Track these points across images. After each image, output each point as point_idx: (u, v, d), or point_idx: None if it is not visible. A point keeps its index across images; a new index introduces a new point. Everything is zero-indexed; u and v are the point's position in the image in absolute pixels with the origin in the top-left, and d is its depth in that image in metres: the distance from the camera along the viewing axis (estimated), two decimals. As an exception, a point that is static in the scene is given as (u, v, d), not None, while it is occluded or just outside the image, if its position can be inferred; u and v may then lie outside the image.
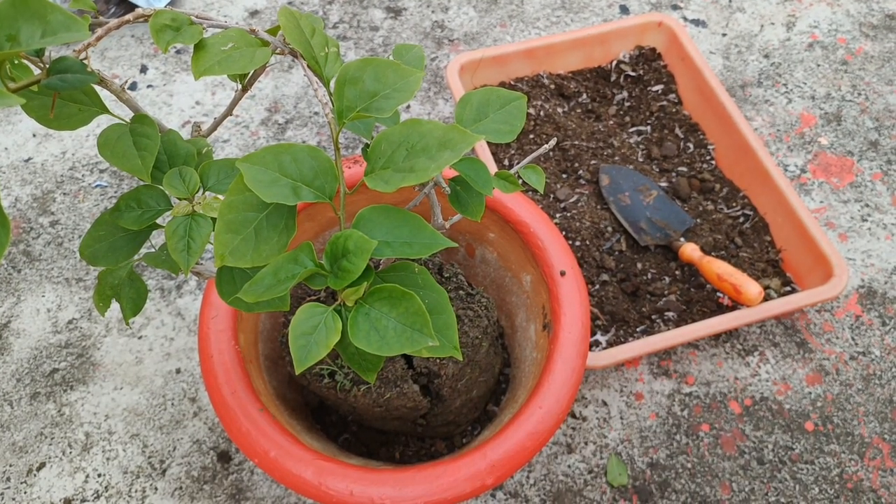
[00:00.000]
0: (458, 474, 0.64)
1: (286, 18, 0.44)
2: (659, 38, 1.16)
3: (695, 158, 1.09)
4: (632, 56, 1.17)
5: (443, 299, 0.43)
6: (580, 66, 1.17)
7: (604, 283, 0.96)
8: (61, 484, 0.87)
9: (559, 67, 1.16)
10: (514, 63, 1.12)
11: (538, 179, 0.56)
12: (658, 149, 1.10)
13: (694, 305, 0.94)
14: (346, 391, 0.68)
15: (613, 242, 0.99)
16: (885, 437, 0.88)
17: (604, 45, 1.15)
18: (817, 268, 0.92)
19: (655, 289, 0.95)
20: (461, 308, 0.72)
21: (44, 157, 1.16)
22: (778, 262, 0.98)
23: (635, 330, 0.92)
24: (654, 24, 1.15)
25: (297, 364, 0.39)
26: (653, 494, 0.85)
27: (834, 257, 0.89)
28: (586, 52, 1.15)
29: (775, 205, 0.98)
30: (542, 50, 1.12)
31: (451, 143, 0.40)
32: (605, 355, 0.83)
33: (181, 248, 0.45)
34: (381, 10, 1.33)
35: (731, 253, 0.98)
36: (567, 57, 1.15)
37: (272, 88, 1.23)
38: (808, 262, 0.94)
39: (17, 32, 0.32)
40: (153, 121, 0.46)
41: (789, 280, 0.97)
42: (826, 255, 0.90)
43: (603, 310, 0.94)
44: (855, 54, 1.25)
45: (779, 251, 0.98)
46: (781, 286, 0.95)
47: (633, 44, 1.17)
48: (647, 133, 1.13)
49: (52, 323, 0.99)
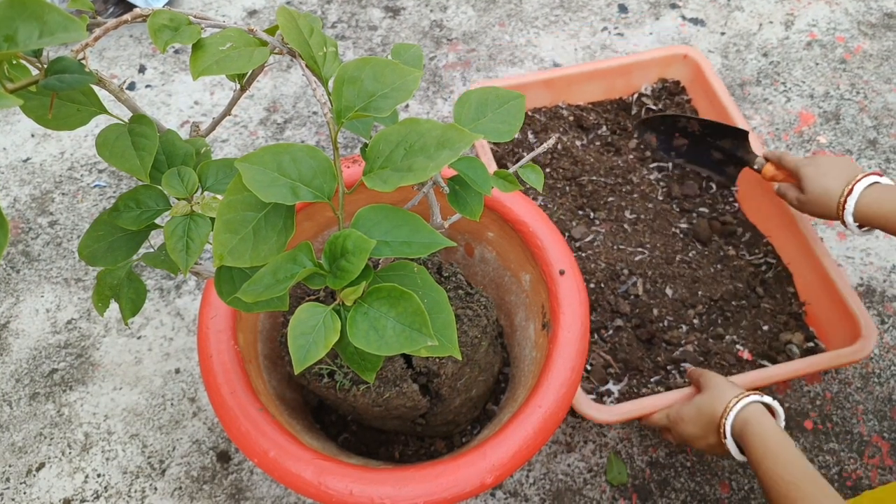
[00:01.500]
0: (457, 473, 0.64)
1: (284, 18, 0.43)
2: (683, 71, 1.11)
3: (717, 199, 1.03)
4: (654, 89, 1.12)
5: (442, 299, 0.43)
6: (601, 97, 1.12)
7: (618, 329, 0.91)
8: (61, 484, 0.87)
9: (579, 98, 1.11)
10: (531, 92, 1.08)
11: (537, 179, 0.56)
12: (679, 187, 1.04)
13: (712, 357, 0.89)
14: (345, 391, 0.68)
15: (629, 286, 0.94)
16: (885, 436, 0.88)
17: (626, 77, 1.11)
18: (843, 325, 0.86)
19: (672, 337, 0.90)
20: (460, 307, 0.72)
21: (42, 157, 1.16)
22: (801, 314, 0.93)
23: (649, 380, 0.88)
24: (678, 56, 1.10)
25: (297, 364, 0.39)
26: (652, 493, 0.85)
27: (862, 317, 0.84)
28: (608, 84, 1.11)
29: (800, 254, 0.93)
30: (561, 80, 1.08)
31: (449, 143, 0.40)
32: (616, 410, 0.79)
33: (180, 248, 0.45)
34: (379, 9, 1.33)
35: (752, 303, 0.93)
36: (587, 88, 1.11)
37: (271, 88, 1.23)
38: (832, 317, 0.88)
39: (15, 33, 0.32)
40: (151, 121, 0.46)
41: (812, 335, 0.91)
42: (854, 313, 0.84)
43: (616, 357, 0.89)
44: (853, 53, 1.25)
45: (802, 304, 0.93)
46: (804, 341, 0.90)
47: (657, 76, 1.12)
48: (667, 170, 1.07)
49: (51, 323, 0.99)
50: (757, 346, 0.90)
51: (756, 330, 0.92)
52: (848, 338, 0.85)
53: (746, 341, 0.91)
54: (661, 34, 1.28)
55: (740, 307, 0.93)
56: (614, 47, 1.27)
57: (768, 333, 0.91)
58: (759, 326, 0.92)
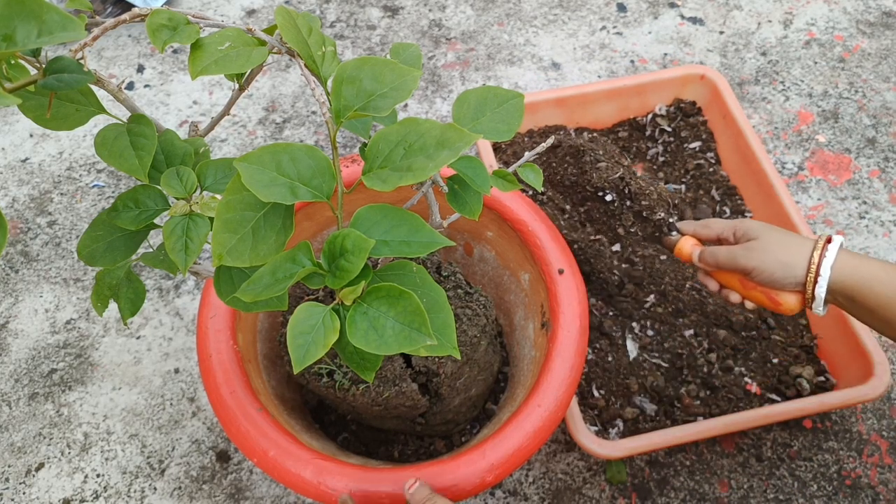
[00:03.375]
0: (457, 473, 0.64)
1: (283, 17, 0.43)
2: (700, 92, 1.09)
3: None
4: (669, 109, 1.10)
5: (441, 298, 0.43)
6: (615, 117, 1.09)
7: None
8: (60, 484, 0.87)
9: (591, 117, 1.08)
10: (543, 111, 1.05)
11: (536, 178, 0.56)
12: (692, 210, 1.01)
13: (718, 391, 0.87)
14: (344, 390, 0.68)
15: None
16: (883, 434, 0.88)
17: (641, 97, 1.08)
18: (855, 361, 0.84)
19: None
20: (459, 307, 0.72)
21: (41, 157, 1.15)
22: (812, 348, 0.90)
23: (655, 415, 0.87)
24: (696, 76, 1.07)
25: (296, 363, 0.39)
26: (652, 492, 0.85)
27: (876, 354, 0.81)
28: (622, 103, 1.08)
29: None
30: (574, 99, 1.05)
31: (448, 142, 0.40)
32: (620, 446, 0.78)
33: (179, 248, 0.45)
34: (378, 8, 1.33)
35: (763, 335, 0.91)
36: (601, 107, 1.07)
37: (270, 88, 1.23)
38: (844, 352, 0.86)
39: (13, 32, 0.32)
40: (150, 120, 0.46)
41: (823, 369, 0.89)
42: (867, 350, 0.82)
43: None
44: (852, 52, 1.25)
45: (814, 337, 0.91)
46: (815, 375, 0.88)
47: (673, 96, 1.09)
48: (681, 192, 1.04)
49: (50, 323, 0.99)
50: (766, 379, 0.88)
51: (766, 363, 0.89)
52: (860, 374, 0.82)
53: (755, 374, 0.88)
54: (660, 33, 1.28)
55: (750, 338, 0.91)
56: (613, 46, 1.27)
57: (778, 367, 0.89)
58: (769, 359, 0.89)
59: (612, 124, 1.10)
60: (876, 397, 0.79)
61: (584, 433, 0.78)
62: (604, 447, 0.77)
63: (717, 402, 0.86)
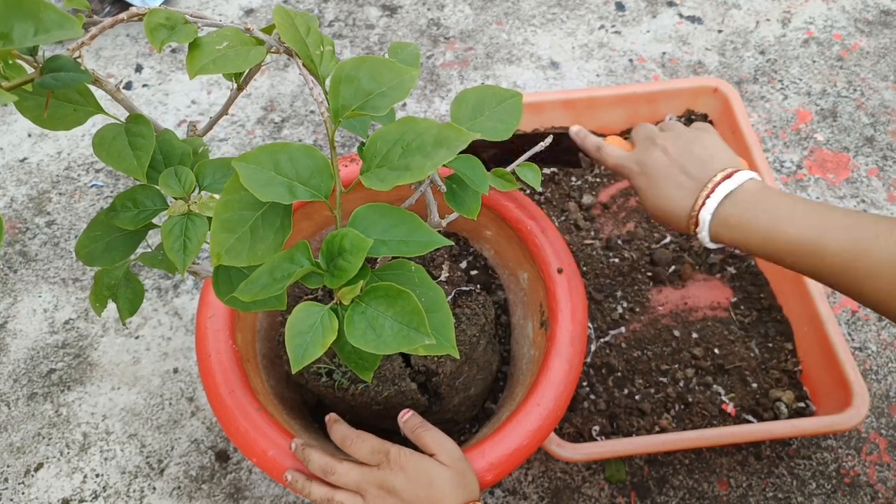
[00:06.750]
0: (456, 472, 0.64)
1: (281, 17, 0.43)
2: (712, 105, 1.06)
3: None
4: (680, 120, 1.07)
5: (439, 297, 0.43)
6: (623, 123, 1.07)
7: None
8: (59, 484, 0.87)
9: (599, 122, 1.07)
10: (549, 112, 1.04)
11: (534, 177, 0.56)
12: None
13: (693, 407, 0.86)
14: (343, 390, 0.68)
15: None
16: (882, 433, 0.88)
17: (651, 105, 1.06)
18: (836, 390, 0.83)
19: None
20: (458, 306, 0.72)
21: (39, 157, 1.15)
22: (796, 373, 0.89)
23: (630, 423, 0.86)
24: (709, 88, 1.05)
25: (294, 363, 0.39)
26: (651, 491, 0.85)
27: (856, 384, 0.80)
28: (631, 110, 1.06)
29: (804, 311, 0.89)
30: (582, 102, 1.04)
31: (446, 141, 0.40)
32: (578, 450, 0.77)
33: (177, 248, 0.45)
34: (376, 7, 1.33)
35: (745, 355, 0.90)
36: (609, 112, 1.06)
37: (268, 87, 1.23)
38: (826, 380, 0.85)
39: (10, 30, 0.32)
40: (148, 120, 0.46)
41: (805, 395, 0.87)
42: (848, 380, 0.81)
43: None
44: (850, 50, 1.25)
45: (798, 362, 0.89)
46: (794, 400, 0.86)
47: (684, 107, 1.07)
48: None
49: (48, 323, 0.99)
50: (744, 400, 0.87)
51: (746, 385, 0.88)
52: (839, 402, 0.81)
53: (735, 394, 0.87)
54: (659, 32, 1.28)
55: (732, 353, 0.90)
56: (612, 45, 1.27)
57: (758, 390, 0.88)
58: (749, 383, 0.88)
59: (620, 131, 1.10)
60: (849, 428, 0.78)
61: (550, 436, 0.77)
62: (565, 450, 0.77)
63: (692, 417, 0.85)
